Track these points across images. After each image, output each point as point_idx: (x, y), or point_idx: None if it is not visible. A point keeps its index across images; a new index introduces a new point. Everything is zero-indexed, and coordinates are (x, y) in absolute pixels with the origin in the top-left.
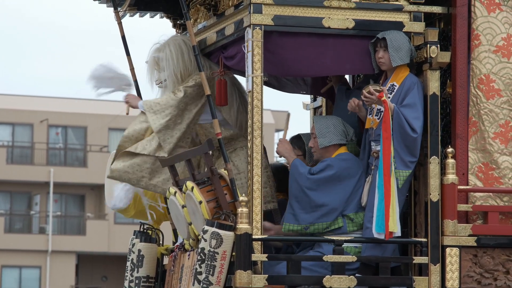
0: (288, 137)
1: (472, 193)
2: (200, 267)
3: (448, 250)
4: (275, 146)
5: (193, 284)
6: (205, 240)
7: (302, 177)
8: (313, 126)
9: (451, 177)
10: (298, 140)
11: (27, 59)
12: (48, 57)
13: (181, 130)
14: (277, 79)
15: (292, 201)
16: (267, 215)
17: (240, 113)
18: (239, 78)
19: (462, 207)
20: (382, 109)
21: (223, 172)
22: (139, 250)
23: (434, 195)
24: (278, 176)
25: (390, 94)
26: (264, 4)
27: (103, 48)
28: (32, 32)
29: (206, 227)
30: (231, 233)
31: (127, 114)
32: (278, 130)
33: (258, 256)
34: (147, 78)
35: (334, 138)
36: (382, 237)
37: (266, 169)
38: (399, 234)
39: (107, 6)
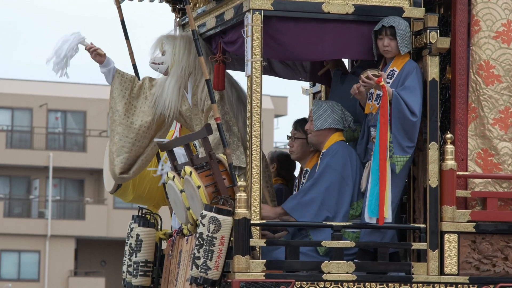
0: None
1: (471, 179)
2: (199, 252)
3: (446, 236)
4: (274, 131)
5: (191, 269)
6: (204, 225)
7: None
8: (311, 109)
9: (450, 163)
10: (302, 124)
11: (26, 43)
12: (47, 42)
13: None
14: (276, 65)
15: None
16: None
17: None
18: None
19: (461, 193)
20: (381, 93)
21: (221, 156)
22: (138, 235)
23: (433, 181)
24: (280, 162)
25: (390, 79)
26: None
27: (102, 34)
28: (31, 17)
29: (205, 212)
30: (229, 218)
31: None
32: (277, 116)
33: (257, 241)
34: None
35: (329, 122)
36: (373, 221)
37: (267, 168)
38: (390, 220)
39: None
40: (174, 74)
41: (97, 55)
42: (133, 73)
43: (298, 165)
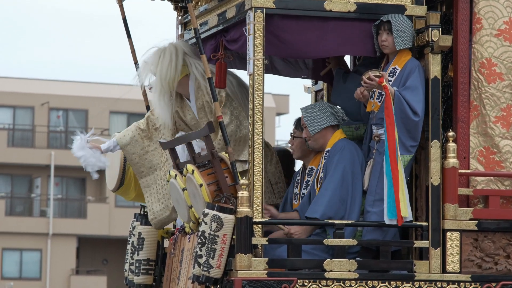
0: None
1: (473, 177)
2: (201, 250)
3: (449, 234)
4: (276, 129)
5: (194, 267)
6: (206, 223)
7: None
8: (301, 117)
9: (452, 161)
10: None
11: (27, 42)
12: (49, 40)
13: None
14: (278, 63)
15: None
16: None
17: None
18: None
19: (463, 191)
20: (383, 92)
21: (223, 155)
22: (140, 233)
23: (435, 179)
24: (280, 158)
25: (392, 77)
26: None
27: (103, 32)
28: (32, 16)
29: (207, 210)
30: (231, 216)
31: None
32: (278, 114)
33: (259, 239)
34: (139, 79)
35: (323, 122)
36: (394, 223)
37: (278, 164)
38: (411, 218)
39: None
40: (156, 88)
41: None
42: (134, 72)
43: (299, 163)
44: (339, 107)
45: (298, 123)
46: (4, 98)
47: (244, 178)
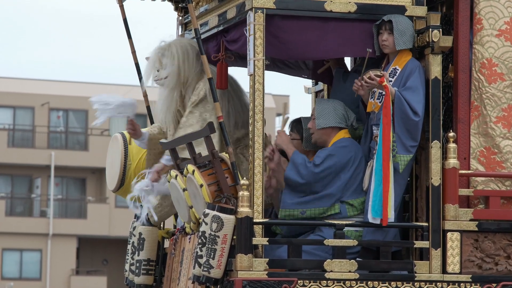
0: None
1: (473, 177)
2: (201, 251)
3: (449, 234)
4: (276, 130)
5: (194, 268)
6: (206, 224)
7: (301, 167)
8: (314, 108)
9: (452, 161)
10: (297, 124)
11: (27, 42)
12: (49, 40)
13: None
14: (279, 62)
15: (289, 189)
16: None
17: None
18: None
19: (463, 191)
20: (384, 92)
21: (224, 155)
22: (140, 233)
23: (435, 179)
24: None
25: (392, 78)
26: None
27: (103, 32)
28: (32, 16)
29: (207, 211)
30: (232, 217)
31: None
32: (279, 115)
33: (259, 239)
34: (146, 73)
35: (332, 121)
36: (377, 222)
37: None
38: (393, 220)
39: None
40: (169, 85)
41: (134, 134)
42: (134, 73)
43: None
44: (353, 114)
45: (294, 126)
46: (4, 98)
47: (244, 178)
